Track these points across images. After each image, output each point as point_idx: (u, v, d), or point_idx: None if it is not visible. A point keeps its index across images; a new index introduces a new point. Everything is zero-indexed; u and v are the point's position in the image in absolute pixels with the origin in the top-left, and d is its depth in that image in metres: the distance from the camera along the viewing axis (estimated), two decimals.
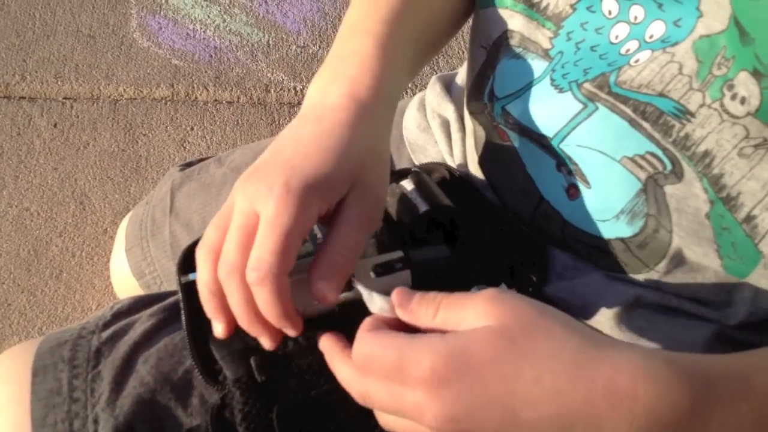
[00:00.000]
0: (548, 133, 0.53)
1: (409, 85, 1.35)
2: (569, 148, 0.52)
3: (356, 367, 0.39)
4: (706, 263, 0.49)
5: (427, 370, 0.35)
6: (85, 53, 1.38)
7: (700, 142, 0.46)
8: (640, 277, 0.52)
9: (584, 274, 0.55)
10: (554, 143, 0.53)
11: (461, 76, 0.71)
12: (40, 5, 1.43)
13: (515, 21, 0.56)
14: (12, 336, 1.06)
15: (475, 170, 0.64)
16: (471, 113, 0.62)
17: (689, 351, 0.40)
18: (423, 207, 0.56)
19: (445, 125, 0.69)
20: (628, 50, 0.49)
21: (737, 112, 0.44)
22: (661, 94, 0.47)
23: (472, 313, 0.37)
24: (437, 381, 0.35)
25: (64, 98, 1.32)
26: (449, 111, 0.68)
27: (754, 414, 0.35)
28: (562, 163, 0.53)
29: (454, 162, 0.67)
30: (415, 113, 0.71)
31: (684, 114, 0.46)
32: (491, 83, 0.59)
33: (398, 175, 0.62)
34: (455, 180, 0.65)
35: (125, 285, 0.88)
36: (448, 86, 0.71)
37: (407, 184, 0.60)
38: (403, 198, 0.58)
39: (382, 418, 0.41)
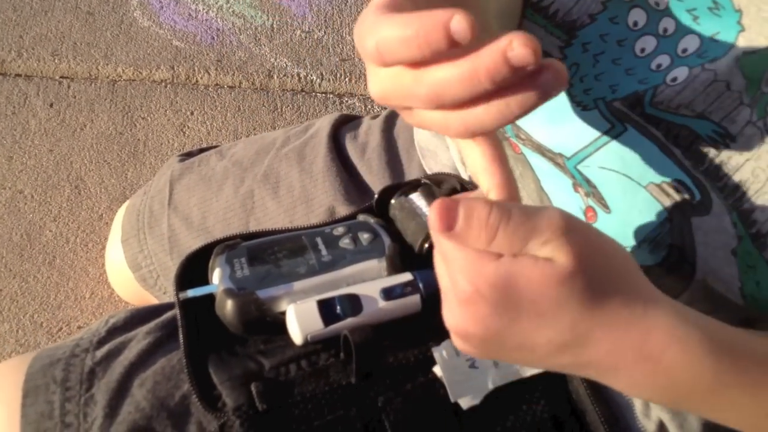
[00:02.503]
0: (566, 152, 0.50)
1: None
2: (588, 169, 0.49)
3: None
4: (727, 299, 0.47)
5: (468, 289, 0.35)
6: (83, 31, 1.34)
7: (735, 172, 0.43)
8: None
9: None
10: (571, 163, 0.50)
11: None
12: None
13: (522, 26, 0.52)
14: (3, 323, 1.04)
15: None
16: None
17: None
18: None
19: None
20: (659, 65, 0.46)
21: None
22: (700, 116, 0.44)
23: (541, 240, 0.34)
24: (474, 299, 0.35)
25: (61, 77, 1.29)
26: None
27: None
28: (578, 184, 0.51)
29: (466, 169, 0.65)
30: None
31: (723, 137, 0.43)
32: None
33: (408, 187, 0.60)
34: (466, 192, 0.62)
35: (120, 276, 0.86)
36: None
37: (417, 199, 0.58)
38: (413, 214, 0.56)
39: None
